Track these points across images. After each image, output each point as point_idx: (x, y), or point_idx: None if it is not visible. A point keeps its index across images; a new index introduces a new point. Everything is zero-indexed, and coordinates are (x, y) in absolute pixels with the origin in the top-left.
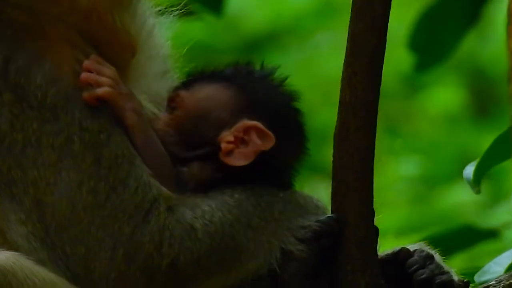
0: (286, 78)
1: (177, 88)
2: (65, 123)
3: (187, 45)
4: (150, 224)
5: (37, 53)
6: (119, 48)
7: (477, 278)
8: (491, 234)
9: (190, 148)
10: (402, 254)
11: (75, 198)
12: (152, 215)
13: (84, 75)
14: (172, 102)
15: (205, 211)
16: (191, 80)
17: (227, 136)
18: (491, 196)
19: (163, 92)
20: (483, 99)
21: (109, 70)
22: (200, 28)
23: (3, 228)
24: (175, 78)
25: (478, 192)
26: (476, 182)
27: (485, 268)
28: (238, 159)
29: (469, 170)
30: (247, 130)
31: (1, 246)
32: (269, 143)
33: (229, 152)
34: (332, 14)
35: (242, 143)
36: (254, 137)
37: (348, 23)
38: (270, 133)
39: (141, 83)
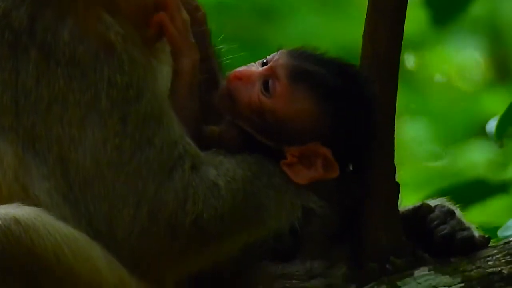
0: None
1: (283, 61)
2: (93, 80)
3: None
4: (174, 182)
5: (62, 12)
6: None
7: (500, 233)
8: (503, 188)
9: (256, 129)
10: (423, 210)
11: (99, 155)
12: (176, 173)
13: (159, 15)
14: (269, 76)
15: (228, 168)
16: (299, 64)
17: (295, 150)
18: (507, 155)
19: None
20: (500, 62)
21: (185, 16)
22: None
23: (25, 183)
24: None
25: (500, 146)
26: (499, 136)
27: (509, 223)
28: (295, 175)
29: (492, 124)
30: (316, 153)
31: (23, 201)
32: (331, 174)
33: (290, 164)
34: None
35: (306, 161)
36: (319, 163)
37: None
38: (336, 165)
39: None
